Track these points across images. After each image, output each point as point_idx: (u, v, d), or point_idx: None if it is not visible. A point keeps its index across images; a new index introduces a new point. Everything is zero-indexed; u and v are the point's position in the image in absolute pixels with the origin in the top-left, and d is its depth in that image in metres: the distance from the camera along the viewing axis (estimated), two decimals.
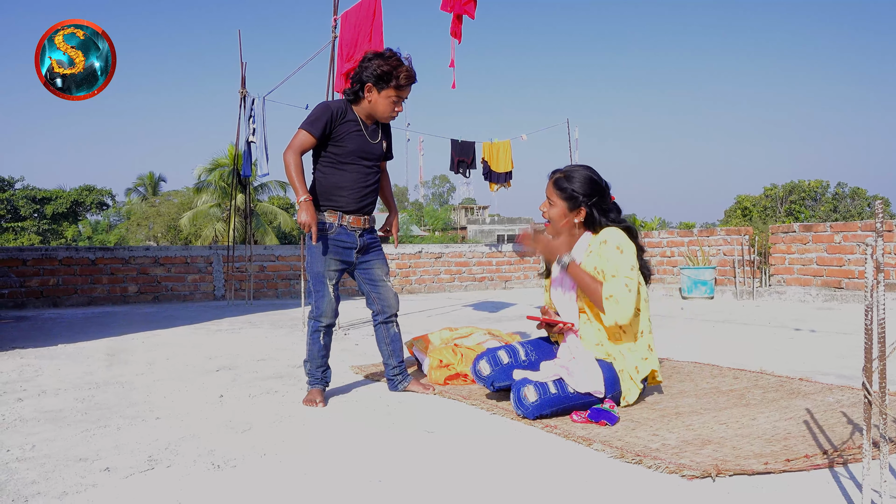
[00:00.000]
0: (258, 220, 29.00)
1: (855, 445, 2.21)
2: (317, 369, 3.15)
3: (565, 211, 2.87)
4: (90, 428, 2.64)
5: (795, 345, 4.62)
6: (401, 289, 11.02)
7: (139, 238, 33.74)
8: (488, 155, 11.21)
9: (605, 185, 2.89)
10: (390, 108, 3.11)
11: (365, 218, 3.19)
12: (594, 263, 2.80)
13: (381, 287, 3.24)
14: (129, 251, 9.31)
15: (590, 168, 2.91)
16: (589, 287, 2.74)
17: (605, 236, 2.81)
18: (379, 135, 3.22)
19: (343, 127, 3.09)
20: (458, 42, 5.93)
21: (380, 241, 3.31)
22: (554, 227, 2.93)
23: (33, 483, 2.01)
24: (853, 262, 7.93)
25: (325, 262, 3.10)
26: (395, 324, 3.30)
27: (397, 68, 3.05)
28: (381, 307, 3.25)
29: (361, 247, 3.17)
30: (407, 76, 3.07)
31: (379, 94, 3.07)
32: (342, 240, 3.12)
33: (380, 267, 3.24)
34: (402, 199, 69.21)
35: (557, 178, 2.89)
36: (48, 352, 4.67)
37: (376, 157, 3.21)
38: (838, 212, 39.73)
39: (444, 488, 1.94)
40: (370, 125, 3.18)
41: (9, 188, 42.76)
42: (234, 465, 2.16)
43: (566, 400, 2.64)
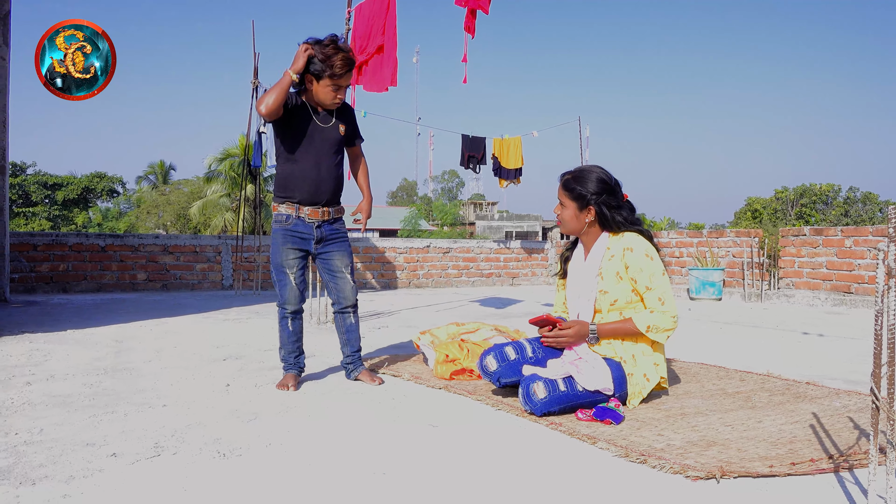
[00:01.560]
0: (267, 210, 29.06)
1: (861, 451, 2.20)
2: (289, 355, 3.26)
3: (576, 212, 2.87)
4: (98, 413, 2.66)
5: (803, 348, 4.60)
6: (408, 283, 11.04)
7: (149, 226, 33.88)
8: (499, 151, 11.19)
9: (614, 182, 2.88)
10: (331, 97, 3.15)
11: (324, 210, 3.24)
12: (616, 269, 2.78)
13: (338, 278, 3.31)
14: (138, 239, 9.35)
15: (599, 167, 2.91)
16: (627, 333, 2.76)
17: (629, 242, 2.79)
18: (332, 120, 3.24)
19: (294, 113, 3.15)
20: (472, 37, 5.93)
21: (345, 232, 3.35)
22: (567, 228, 2.94)
23: (41, 466, 2.03)
24: (863, 267, 7.89)
25: (283, 253, 3.20)
26: (351, 314, 3.36)
27: (332, 57, 3.07)
28: (337, 298, 3.34)
29: (320, 238, 3.24)
30: (342, 63, 3.08)
31: (318, 84, 3.12)
32: (299, 231, 3.21)
33: (340, 258, 3.30)
34: (411, 194, 69.21)
35: (566, 179, 2.91)
36: (57, 337, 4.70)
37: (331, 141, 3.23)
38: (849, 216, 39.50)
39: (447, 482, 1.94)
40: (321, 111, 3.22)
41: (21, 173, 42.96)
42: (240, 454, 2.17)
43: (575, 398, 2.64)
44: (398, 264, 11.05)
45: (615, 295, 2.79)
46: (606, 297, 2.80)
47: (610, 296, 2.79)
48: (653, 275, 2.75)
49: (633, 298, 2.80)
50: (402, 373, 3.52)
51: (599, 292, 2.81)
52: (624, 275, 2.78)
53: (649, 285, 2.75)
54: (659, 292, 2.75)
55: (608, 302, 2.80)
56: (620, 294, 2.79)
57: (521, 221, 48.77)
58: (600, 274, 2.82)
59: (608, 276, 2.80)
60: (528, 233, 46.80)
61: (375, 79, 5.73)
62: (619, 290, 2.79)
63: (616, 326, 2.76)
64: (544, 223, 48.90)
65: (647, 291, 2.76)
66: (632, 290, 2.79)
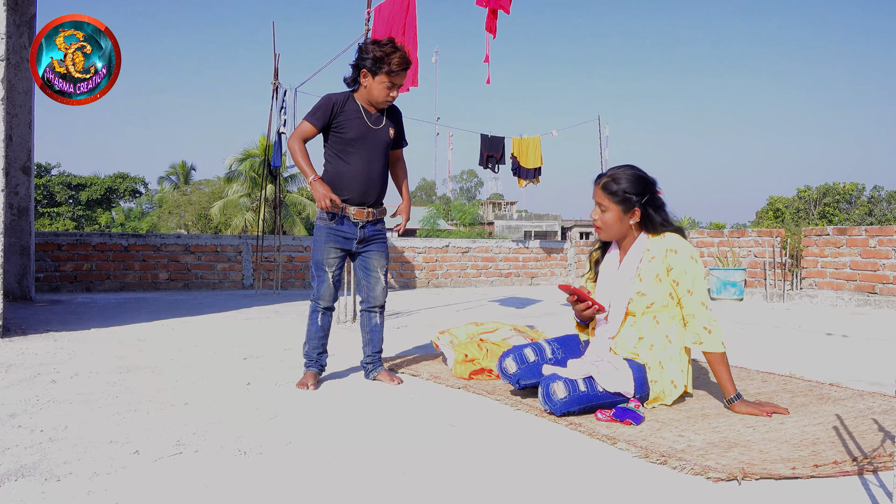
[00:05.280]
0: (287, 210, 29.25)
1: (886, 453, 2.17)
2: (313, 350, 3.28)
3: (620, 215, 2.77)
4: (121, 411, 2.69)
5: (826, 349, 4.55)
6: (427, 282, 11.05)
7: (170, 226, 34.21)
8: (518, 150, 11.17)
9: (652, 180, 2.81)
10: (385, 94, 3.18)
11: (369, 210, 3.27)
12: (657, 270, 2.74)
13: (372, 278, 3.34)
14: (160, 238, 9.45)
15: (633, 166, 2.83)
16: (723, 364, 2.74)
17: (672, 244, 2.75)
18: (383, 121, 3.28)
19: (344, 115, 3.20)
20: (493, 37, 5.92)
21: (384, 233, 3.39)
22: (608, 232, 2.83)
23: (65, 463, 2.05)
24: (888, 268, 7.77)
25: (325, 251, 3.24)
26: (378, 314, 3.39)
27: (390, 55, 3.12)
28: (367, 296, 3.38)
29: (362, 238, 3.27)
30: (399, 62, 3.14)
31: (374, 80, 3.16)
32: (343, 230, 3.24)
33: (377, 259, 3.33)
34: (430, 193, 69.24)
35: (605, 181, 2.79)
36: (81, 335, 4.76)
37: (382, 143, 3.27)
38: (874, 215, 38.95)
39: (466, 482, 1.94)
40: (373, 113, 3.25)
41: (45, 174, 43.55)
42: (260, 452, 2.19)
43: (595, 398, 2.62)
44: (417, 264, 11.07)
45: (652, 298, 2.74)
46: (644, 299, 2.75)
47: (647, 298, 2.75)
48: (696, 278, 2.72)
49: (668, 302, 2.76)
50: (421, 372, 3.52)
51: (637, 294, 2.75)
52: (664, 277, 2.74)
53: (691, 289, 2.72)
54: (701, 297, 2.72)
55: (644, 305, 2.75)
56: (658, 297, 2.75)
57: (541, 221, 48.65)
58: (638, 276, 2.76)
59: (647, 278, 2.75)
60: (546, 232, 46.67)
61: None
62: (656, 293, 2.74)
63: (723, 374, 2.73)
64: (563, 223, 48.74)
65: (689, 295, 2.73)
66: (668, 294, 2.76)
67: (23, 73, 6.84)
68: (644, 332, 2.77)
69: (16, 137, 6.92)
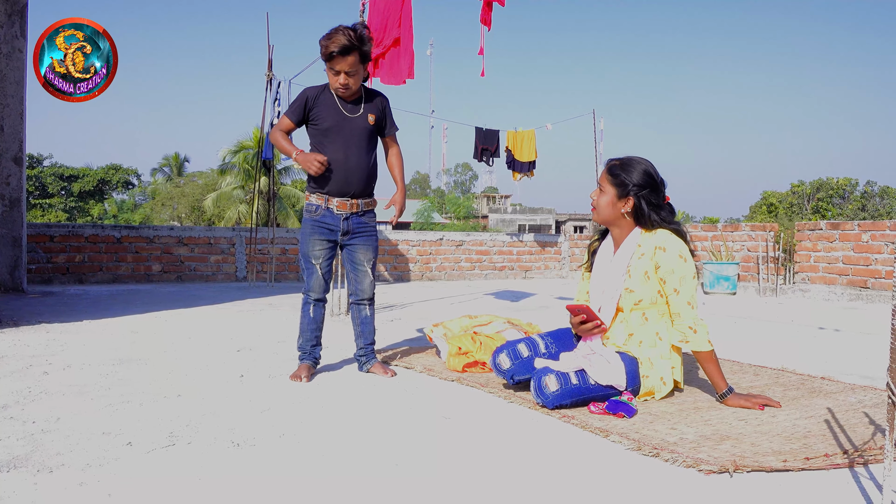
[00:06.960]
0: (281, 203, 29.18)
1: (876, 446, 2.18)
2: (306, 343, 3.27)
3: (614, 199, 2.79)
4: (113, 403, 2.69)
5: (818, 343, 4.57)
6: (420, 275, 11.05)
7: (163, 218, 34.10)
8: (512, 144, 11.16)
9: (659, 180, 2.80)
10: (334, 81, 3.14)
11: (353, 202, 3.23)
12: (645, 268, 2.74)
13: (359, 271, 3.33)
14: (153, 230, 9.41)
15: (647, 161, 2.82)
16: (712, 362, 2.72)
17: (662, 242, 2.74)
18: (360, 109, 3.22)
19: (319, 106, 3.18)
20: (488, 29, 5.91)
21: (373, 226, 3.35)
22: (600, 215, 2.85)
23: (58, 454, 2.05)
24: (880, 262, 7.81)
25: (310, 243, 3.23)
26: (367, 307, 3.38)
27: (326, 42, 3.04)
28: (355, 289, 3.37)
29: (346, 230, 3.24)
30: (333, 46, 3.01)
31: (326, 70, 3.15)
32: (326, 222, 3.22)
33: (363, 252, 3.31)
34: (424, 186, 69.18)
35: (612, 165, 2.82)
36: (73, 327, 4.75)
37: (359, 131, 3.20)
38: (866, 210, 39.09)
39: (460, 474, 1.95)
40: (349, 101, 3.21)
41: (37, 165, 43.34)
42: (254, 444, 2.19)
43: (587, 391, 2.62)
44: (411, 257, 11.07)
45: (640, 295, 2.75)
46: (631, 296, 2.75)
47: (635, 295, 2.75)
48: (683, 277, 2.71)
49: (657, 299, 2.76)
50: (414, 365, 3.53)
51: (625, 290, 2.76)
52: (652, 274, 2.74)
53: (678, 288, 2.71)
54: (688, 296, 2.71)
55: (632, 301, 2.76)
56: (646, 294, 2.75)
57: (535, 215, 48.66)
58: (628, 272, 2.77)
59: (636, 275, 2.75)
60: (541, 226, 46.69)
61: (392, 71, 5.72)
62: (645, 290, 2.75)
63: (712, 371, 2.72)
64: (558, 216, 48.76)
65: (675, 294, 2.72)
66: (657, 291, 2.76)
67: (14, 62, 6.80)
68: (634, 329, 2.78)
69: (7, 127, 6.88)
